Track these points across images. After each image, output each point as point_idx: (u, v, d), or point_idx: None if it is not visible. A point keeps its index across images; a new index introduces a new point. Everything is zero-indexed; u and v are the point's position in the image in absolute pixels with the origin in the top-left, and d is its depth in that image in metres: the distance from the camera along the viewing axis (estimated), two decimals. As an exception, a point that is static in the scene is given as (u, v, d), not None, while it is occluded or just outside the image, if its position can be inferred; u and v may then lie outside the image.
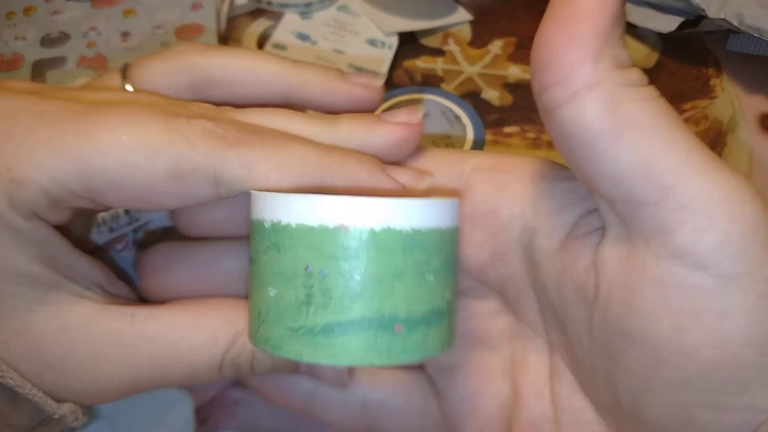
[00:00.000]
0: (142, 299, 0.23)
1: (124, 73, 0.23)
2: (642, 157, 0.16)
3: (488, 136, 0.37)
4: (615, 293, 0.17)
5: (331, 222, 0.17)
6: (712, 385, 0.16)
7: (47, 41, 0.39)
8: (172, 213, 0.23)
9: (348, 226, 0.17)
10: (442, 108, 0.32)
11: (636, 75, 0.17)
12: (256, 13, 0.42)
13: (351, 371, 0.24)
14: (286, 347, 0.18)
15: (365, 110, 0.23)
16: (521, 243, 0.20)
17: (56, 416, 0.20)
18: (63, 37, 0.39)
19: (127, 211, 0.28)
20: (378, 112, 0.30)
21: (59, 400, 0.20)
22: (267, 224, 0.18)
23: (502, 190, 0.21)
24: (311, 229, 0.17)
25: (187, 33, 0.38)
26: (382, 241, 0.17)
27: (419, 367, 0.24)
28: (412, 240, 0.18)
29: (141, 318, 0.20)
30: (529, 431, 0.21)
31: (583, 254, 0.19)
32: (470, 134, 0.31)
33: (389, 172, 0.21)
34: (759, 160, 0.37)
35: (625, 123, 0.16)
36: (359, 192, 0.20)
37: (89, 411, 0.21)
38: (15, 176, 0.18)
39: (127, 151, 0.18)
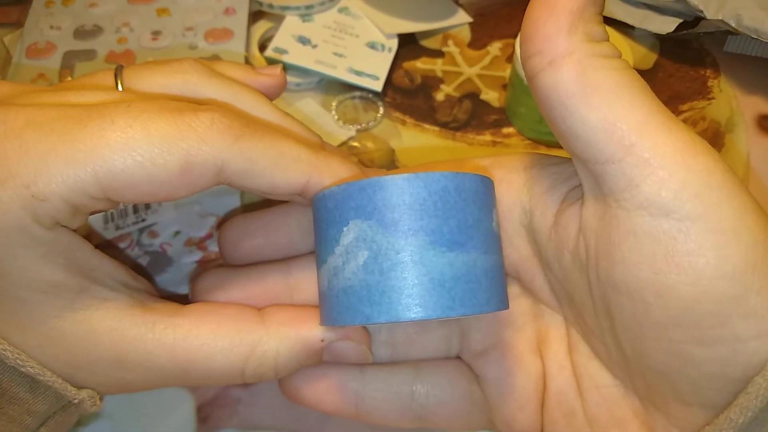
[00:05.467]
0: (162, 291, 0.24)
1: (117, 75, 0.23)
2: (607, 118, 0.18)
3: (487, 137, 0.37)
4: (600, 250, 0.19)
5: None
6: (694, 320, 0.18)
7: (80, 33, 0.39)
8: (219, 246, 0.25)
9: None
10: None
11: (608, 48, 0.19)
12: (256, 15, 0.42)
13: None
14: None
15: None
16: (523, 225, 0.23)
17: (76, 401, 0.21)
18: (96, 31, 0.39)
19: (135, 211, 0.29)
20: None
21: (79, 387, 0.21)
22: None
23: (500, 183, 0.23)
24: None
25: (216, 37, 0.39)
26: None
27: (457, 356, 0.25)
28: None
29: (161, 326, 0.21)
30: (556, 401, 0.23)
31: (572, 222, 0.21)
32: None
33: (365, 174, 0.22)
34: (757, 160, 0.37)
35: (594, 87, 0.18)
36: None
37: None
38: (36, 192, 0.18)
39: (142, 150, 0.19)
